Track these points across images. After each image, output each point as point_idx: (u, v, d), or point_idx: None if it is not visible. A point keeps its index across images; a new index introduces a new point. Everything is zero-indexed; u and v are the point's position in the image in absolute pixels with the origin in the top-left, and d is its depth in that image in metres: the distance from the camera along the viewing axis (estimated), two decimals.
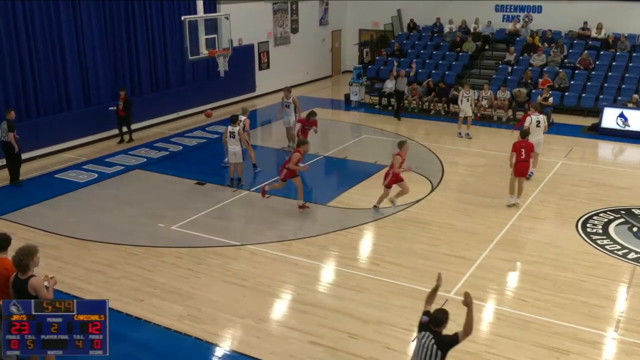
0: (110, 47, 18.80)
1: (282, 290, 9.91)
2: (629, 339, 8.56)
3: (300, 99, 24.48)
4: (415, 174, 15.23)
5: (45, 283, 6.83)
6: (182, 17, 17.08)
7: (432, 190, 14.24)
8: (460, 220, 12.50)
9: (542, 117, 14.99)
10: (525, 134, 13.32)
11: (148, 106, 19.74)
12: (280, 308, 9.52)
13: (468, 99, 18.37)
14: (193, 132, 19.52)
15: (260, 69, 24.91)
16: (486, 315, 9.22)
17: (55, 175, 15.51)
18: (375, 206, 12.83)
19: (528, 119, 14.66)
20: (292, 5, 26.27)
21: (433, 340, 5.98)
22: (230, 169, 14.46)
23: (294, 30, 26.67)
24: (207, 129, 19.88)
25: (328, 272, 10.62)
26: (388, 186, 12.54)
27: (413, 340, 8.40)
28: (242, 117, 15.20)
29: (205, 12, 18.10)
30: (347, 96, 23.99)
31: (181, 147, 17.90)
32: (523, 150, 12.91)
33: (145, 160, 16.69)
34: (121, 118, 17.86)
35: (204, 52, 17.24)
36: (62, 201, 13.80)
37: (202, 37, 17.09)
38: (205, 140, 18.74)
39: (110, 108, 17.88)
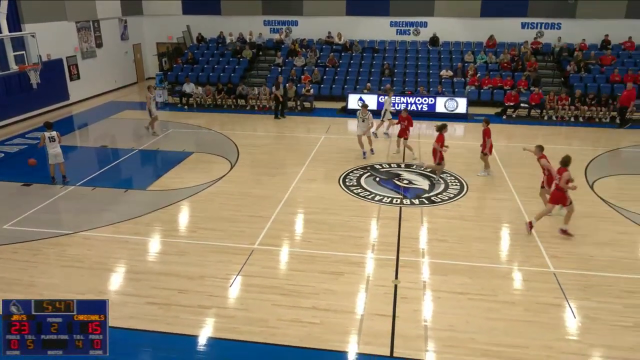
0: None
1: (117, 265, 9.21)
2: (380, 256, 9.46)
3: (112, 103, 22.86)
4: (216, 156, 15.09)
5: None
6: None
7: (232, 168, 14.20)
8: (256, 189, 12.66)
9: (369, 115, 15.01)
10: (541, 149, 10.86)
11: None
12: (116, 280, 8.85)
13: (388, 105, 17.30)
14: (13, 140, 17.02)
15: (72, 79, 22.41)
16: (283, 257, 9.53)
17: None
18: (531, 222, 10.38)
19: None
20: (94, 23, 23.93)
21: None
22: (51, 169, 12.91)
23: (99, 45, 24.37)
24: (26, 135, 17.48)
25: (154, 244, 10.10)
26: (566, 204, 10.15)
27: (230, 286, 8.44)
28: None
29: (10, 31, 15.73)
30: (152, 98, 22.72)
31: (3, 154, 15.51)
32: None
33: None
34: None
35: (14, 67, 15.05)
36: None
37: (11, 54, 14.92)
38: (26, 146, 16.44)
39: None
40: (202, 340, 7.23)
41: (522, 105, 20.28)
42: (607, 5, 23.76)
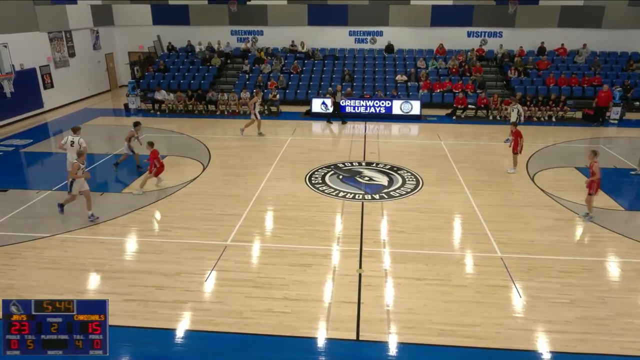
0: None
1: (94, 265, 8.93)
2: (345, 248, 9.52)
3: (86, 110, 22.19)
4: (189, 159, 14.87)
5: None
6: None
7: (204, 169, 14.02)
8: (226, 188, 12.54)
9: None
10: (595, 154, 10.55)
11: None
12: (94, 280, 8.59)
13: (514, 110, 16.30)
14: None
15: (45, 88, 21.60)
16: (254, 252, 9.46)
17: None
18: (587, 214, 10.73)
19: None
20: (66, 34, 23.13)
21: None
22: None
23: (72, 54, 23.57)
24: (1, 143, 16.78)
25: (131, 244, 9.86)
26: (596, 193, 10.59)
27: (205, 281, 8.34)
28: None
29: None
30: (126, 105, 22.14)
31: None
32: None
33: None
34: None
35: None
36: None
37: None
38: (1, 153, 15.79)
39: None
40: (179, 333, 7.12)
41: (469, 106, 20.78)
42: (542, 15, 24.61)
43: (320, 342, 6.94)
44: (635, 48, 24.47)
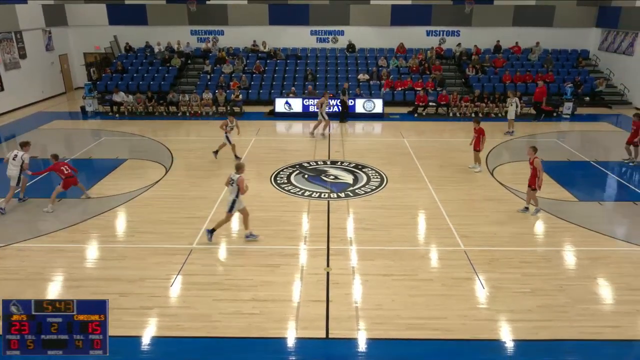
0: None
1: (54, 274, 8.59)
2: (312, 247, 9.53)
3: (40, 114, 21.33)
4: (150, 162, 14.51)
5: None
6: None
7: (167, 172, 13.71)
8: (191, 191, 12.31)
9: None
10: (534, 150, 10.78)
11: None
12: (55, 289, 8.25)
13: (512, 104, 17.46)
14: None
15: None
16: (221, 254, 9.36)
17: None
18: (537, 209, 10.93)
19: None
20: (16, 34, 22.15)
21: None
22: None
23: (22, 56, 22.59)
24: None
25: (92, 251, 9.52)
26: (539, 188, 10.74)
27: (171, 285, 8.16)
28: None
29: None
30: (82, 108, 21.40)
31: None
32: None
33: None
34: None
35: None
36: None
37: None
38: None
39: None
40: (145, 340, 6.94)
41: (430, 104, 21.18)
42: (497, 15, 25.36)
43: (290, 342, 6.92)
44: (584, 46, 25.58)
